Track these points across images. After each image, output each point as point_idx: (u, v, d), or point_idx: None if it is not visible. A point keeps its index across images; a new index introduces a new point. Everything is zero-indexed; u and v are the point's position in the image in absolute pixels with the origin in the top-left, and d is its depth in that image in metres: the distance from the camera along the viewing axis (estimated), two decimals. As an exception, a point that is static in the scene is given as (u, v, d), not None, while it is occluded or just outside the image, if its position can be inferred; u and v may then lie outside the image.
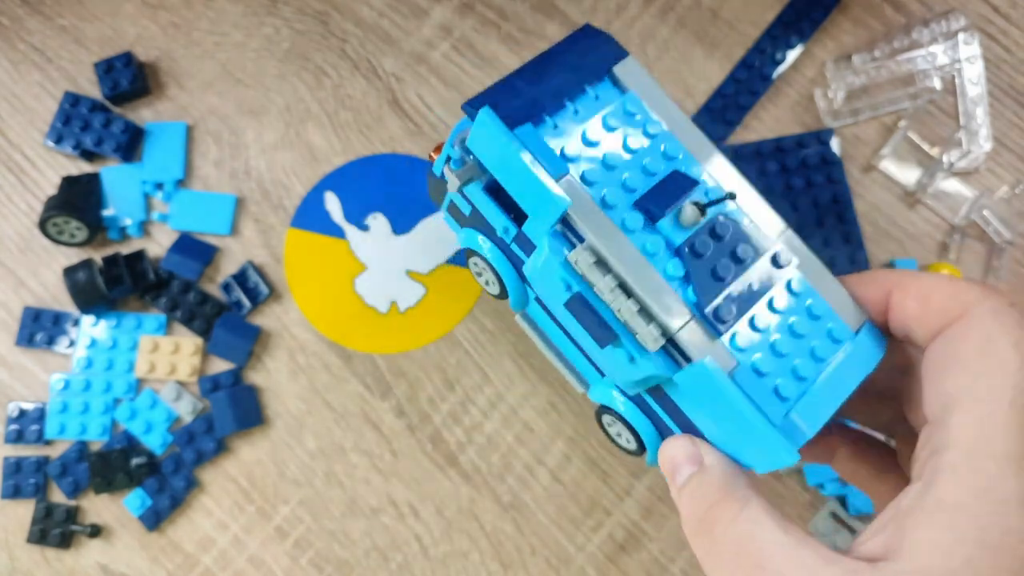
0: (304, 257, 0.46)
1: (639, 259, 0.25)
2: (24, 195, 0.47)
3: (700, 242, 0.25)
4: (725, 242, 0.26)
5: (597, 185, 0.26)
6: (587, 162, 0.26)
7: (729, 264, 0.25)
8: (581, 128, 0.27)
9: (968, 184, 0.46)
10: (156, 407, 0.44)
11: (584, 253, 0.25)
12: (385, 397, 0.44)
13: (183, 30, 0.48)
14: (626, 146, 0.27)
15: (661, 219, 0.26)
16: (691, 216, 0.25)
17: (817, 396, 0.25)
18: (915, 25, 0.47)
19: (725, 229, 0.26)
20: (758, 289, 0.26)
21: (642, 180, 0.26)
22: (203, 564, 0.43)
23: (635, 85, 0.28)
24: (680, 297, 0.25)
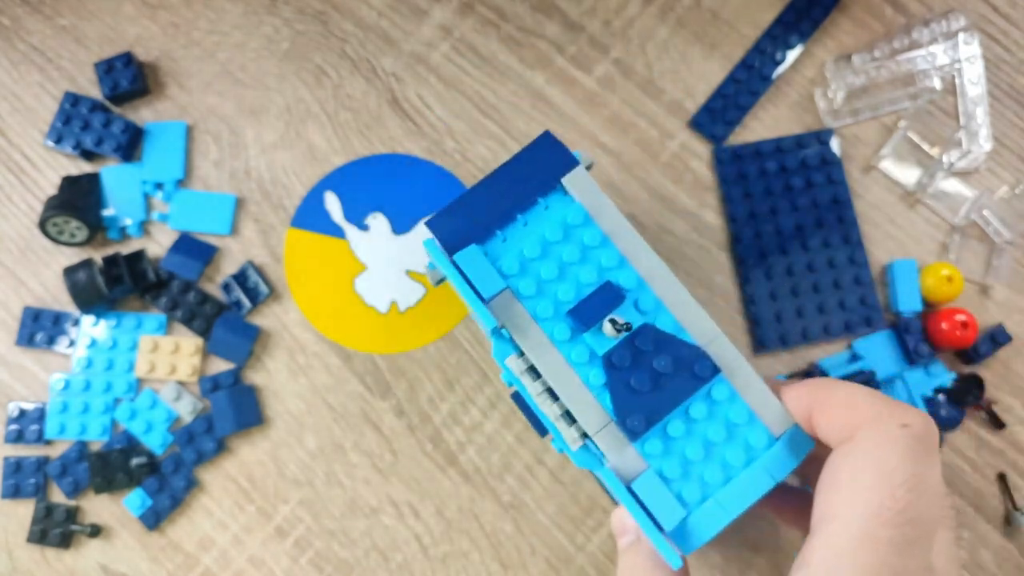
0: (304, 257, 0.46)
1: (564, 368, 0.28)
2: (24, 195, 0.47)
3: (618, 355, 0.28)
4: (645, 354, 0.28)
5: (531, 299, 0.29)
6: (524, 277, 0.29)
7: (644, 378, 0.28)
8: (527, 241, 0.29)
9: (968, 184, 0.46)
10: (156, 407, 0.44)
11: (517, 361, 0.28)
12: (385, 397, 0.44)
13: (183, 30, 0.48)
14: (561, 260, 0.29)
15: (587, 331, 0.28)
16: (611, 331, 0.28)
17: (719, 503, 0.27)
18: (915, 25, 0.47)
19: (645, 342, 0.28)
20: (673, 400, 0.28)
21: (574, 292, 0.29)
22: (203, 564, 0.43)
23: (581, 194, 0.30)
24: (599, 404, 0.28)
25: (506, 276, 0.29)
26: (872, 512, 0.21)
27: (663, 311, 0.29)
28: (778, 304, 0.45)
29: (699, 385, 0.28)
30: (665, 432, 0.28)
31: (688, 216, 0.46)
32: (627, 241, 0.30)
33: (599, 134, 0.47)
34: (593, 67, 0.47)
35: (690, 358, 0.28)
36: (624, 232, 0.30)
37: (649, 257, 0.29)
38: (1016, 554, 0.43)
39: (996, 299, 0.45)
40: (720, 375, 0.28)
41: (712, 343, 0.28)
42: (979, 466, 0.43)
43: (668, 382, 0.28)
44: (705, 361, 0.28)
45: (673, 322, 0.29)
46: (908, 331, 0.43)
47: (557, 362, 0.28)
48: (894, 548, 0.20)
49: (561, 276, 0.29)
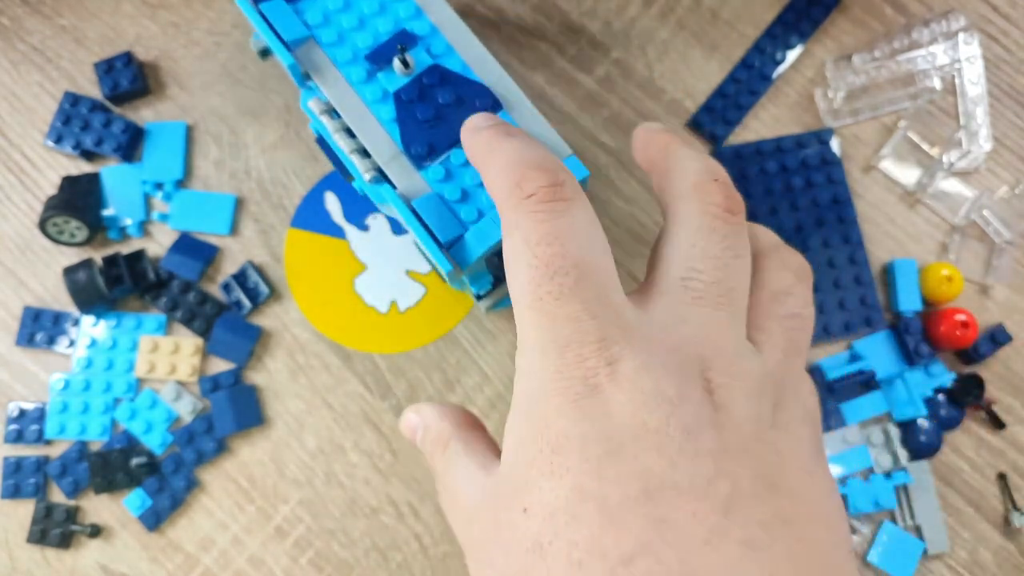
0: (304, 257, 0.46)
1: (359, 106, 0.31)
2: (24, 195, 0.47)
3: (407, 91, 0.31)
4: (432, 91, 0.31)
5: (332, 46, 0.32)
6: (326, 27, 0.32)
7: (429, 110, 0.30)
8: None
9: (968, 184, 0.46)
10: (156, 407, 0.44)
11: (318, 102, 0.31)
12: (385, 397, 0.44)
13: (183, 30, 0.48)
14: (361, 11, 0.32)
15: (380, 71, 0.31)
16: (400, 68, 0.31)
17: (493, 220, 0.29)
18: (915, 25, 0.47)
19: (432, 79, 0.31)
20: (456, 131, 0.30)
21: (371, 39, 0.32)
22: (203, 564, 0.43)
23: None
24: (389, 138, 0.31)
25: (310, 27, 0.32)
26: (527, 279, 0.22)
27: (453, 54, 0.32)
28: (778, 304, 0.45)
29: None
30: (448, 160, 0.30)
31: (688, 216, 0.46)
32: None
33: (599, 134, 0.47)
34: (593, 67, 0.48)
35: (473, 93, 0.31)
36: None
37: (441, 7, 0.32)
38: (1016, 554, 0.43)
39: (996, 299, 0.45)
40: (501, 109, 0.31)
41: (497, 82, 0.31)
42: (979, 466, 0.43)
43: (452, 115, 0.30)
44: (486, 95, 0.31)
45: (461, 63, 0.31)
46: (908, 331, 0.43)
47: (352, 101, 0.31)
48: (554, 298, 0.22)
49: (360, 26, 0.32)
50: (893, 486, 0.43)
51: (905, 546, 0.42)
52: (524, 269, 0.22)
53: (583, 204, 0.23)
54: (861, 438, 0.43)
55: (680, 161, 0.26)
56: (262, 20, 0.32)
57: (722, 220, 0.24)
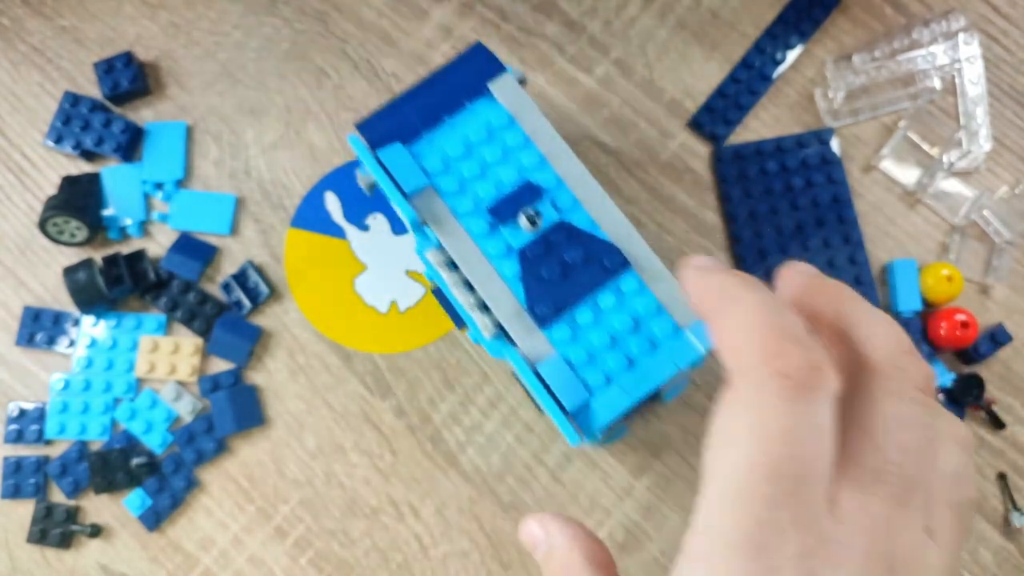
0: (304, 257, 0.46)
1: (480, 260, 0.30)
2: (24, 195, 0.47)
3: (532, 248, 0.30)
4: (558, 248, 0.30)
5: (452, 195, 0.31)
6: (446, 175, 0.31)
7: (555, 269, 0.29)
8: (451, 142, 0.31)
9: (968, 184, 0.46)
10: (156, 407, 0.44)
11: (435, 253, 0.30)
12: (385, 397, 0.44)
13: (183, 30, 0.48)
14: (483, 159, 0.31)
15: (503, 225, 0.30)
16: (526, 224, 0.29)
17: (621, 387, 0.28)
18: (915, 25, 0.47)
19: (559, 236, 0.30)
20: (582, 290, 0.29)
21: (494, 190, 0.31)
22: (203, 564, 0.43)
23: (507, 100, 0.32)
24: (511, 294, 0.29)
25: (429, 174, 0.31)
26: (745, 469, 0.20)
27: (579, 209, 0.30)
28: (778, 304, 0.45)
29: (608, 277, 0.29)
30: (573, 320, 0.29)
31: (688, 216, 0.46)
32: (548, 143, 0.31)
33: (599, 134, 0.47)
34: (593, 67, 0.48)
35: (601, 251, 0.30)
36: (546, 134, 0.31)
37: (568, 158, 0.31)
38: (1016, 554, 0.43)
39: (996, 299, 0.45)
40: (630, 268, 0.29)
41: (625, 239, 0.30)
42: (979, 466, 0.43)
43: (578, 273, 0.29)
44: (615, 254, 0.29)
45: (588, 220, 0.30)
46: (908, 331, 0.43)
47: (474, 255, 0.30)
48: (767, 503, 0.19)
49: (482, 175, 0.31)
50: (893, 486, 0.43)
51: (905, 546, 0.42)
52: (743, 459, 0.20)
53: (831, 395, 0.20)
54: (861, 438, 0.43)
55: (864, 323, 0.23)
56: (382, 171, 0.30)
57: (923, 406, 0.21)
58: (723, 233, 0.46)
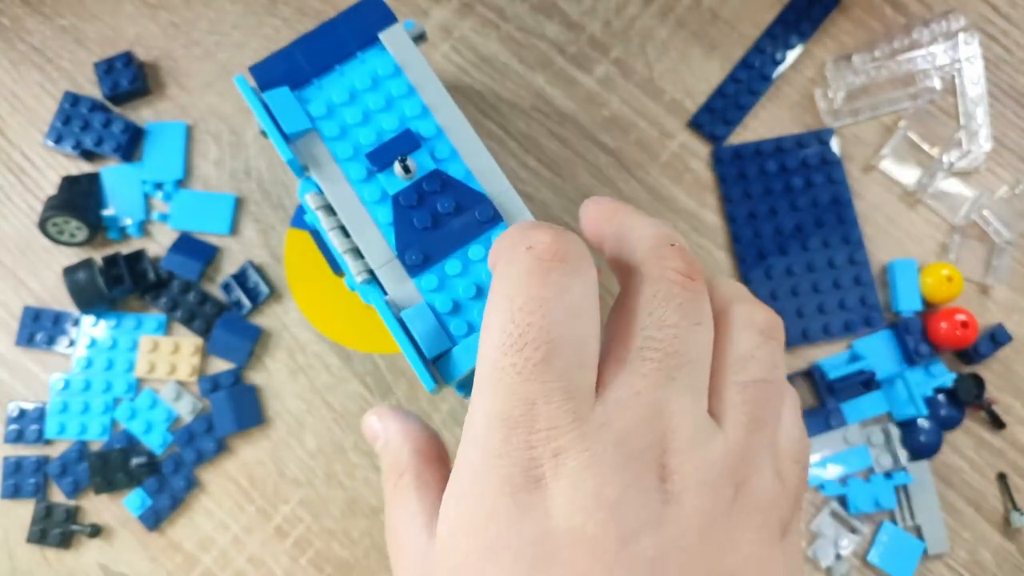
0: (304, 257, 0.46)
1: (356, 206, 0.30)
2: (24, 195, 0.47)
3: (406, 195, 0.30)
4: (431, 197, 0.30)
5: (333, 140, 0.31)
6: (329, 120, 0.31)
7: (427, 217, 0.29)
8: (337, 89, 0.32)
9: (968, 184, 0.46)
10: (156, 407, 0.44)
11: (315, 196, 0.30)
12: (385, 397, 0.44)
13: (183, 30, 0.48)
14: (366, 107, 0.31)
15: (380, 172, 0.30)
16: (400, 172, 0.30)
17: None
18: (915, 25, 0.47)
19: (433, 186, 0.30)
20: (453, 241, 0.29)
21: (375, 136, 0.31)
22: (203, 564, 0.43)
23: (396, 49, 0.32)
24: (385, 241, 0.30)
25: (313, 119, 0.31)
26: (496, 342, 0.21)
27: (457, 160, 0.31)
28: (778, 304, 0.45)
29: (480, 230, 0.29)
30: (443, 271, 0.29)
31: (688, 216, 0.46)
32: (432, 94, 0.32)
33: (599, 134, 0.47)
34: (593, 67, 0.48)
35: (474, 203, 0.30)
36: (430, 85, 0.32)
37: (450, 109, 0.31)
38: (1016, 554, 0.43)
39: (996, 299, 0.45)
40: (501, 222, 0.30)
41: (500, 193, 0.30)
42: (979, 466, 0.43)
43: (450, 223, 0.30)
44: (487, 206, 0.30)
45: (465, 170, 0.31)
46: (908, 331, 0.43)
47: (351, 200, 0.30)
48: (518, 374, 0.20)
49: (364, 121, 0.31)
50: (893, 486, 0.43)
51: (905, 546, 0.42)
52: (496, 331, 0.21)
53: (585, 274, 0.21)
54: (861, 438, 0.43)
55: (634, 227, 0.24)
56: (263, 109, 0.31)
57: (680, 286, 0.22)
58: (723, 233, 0.46)
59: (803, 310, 0.44)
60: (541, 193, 0.46)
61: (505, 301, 0.21)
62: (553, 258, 0.21)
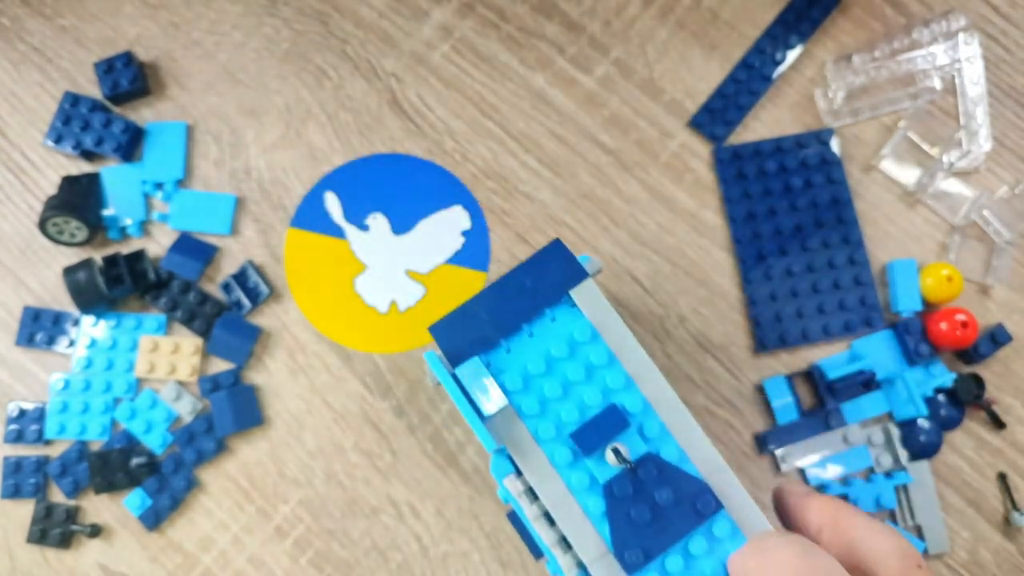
0: (304, 257, 0.46)
1: (564, 494, 0.27)
2: (24, 195, 0.47)
3: (620, 485, 0.27)
4: (647, 486, 0.27)
5: (533, 418, 0.28)
6: (526, 394, 0.28)
7: (645, 510, 0.27)
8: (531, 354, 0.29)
9: (968, 184, 0.46)
10: (156, 407, 0.44)
11: (515, 481, 0.28)
12: (385, 397, 0.44)
13: (183, 30, 0.48)
14: (566, 378, 0.29)
15: (587, 456, 0.28)
16: (613, 460, 0.27)
17: None
18: (915, 25, 0.47)
19: (648, 473, 0.27)
20: (673, 534, 0.27)
21: (578, 413, 0.28)
22: (203, 564, 0.43)
23: (589, 308, 0.29)
24: (597, 533, 0.27)
25: (508, 392, 0.28)
26: None
27: (668, 439, 0.28)
28: (778, 304, 0.45)
29: (700, 520, 0.27)
30: (663, 567, 0.27)
31: (688, 216, 0.46)
32: (634, 361, 0.29)
33: (599, 134, 0.47)
34: (593, 67, 0.48)
35: (693, 492, 0.27)
36: (631, 351, 0.29)
37: (656, 380, 0.29)
38: (1016, 554, 0.43)
39: (996, 299, 0.45)
40: (722, 510, 0.27)
41: (715, 474, 0.28)
42: (979, 466, 0.43)
43: (669, 515, 0.27)
44: (708, 496, 0.27)
45: (678, 451, 0.28)
46: (908, 331, 0.43)
47: (557, 487, 0.28)
48: None
49: (565, 395, 0.29)
50: (893, 486, 0.43)
51: (905, 546, 0.42)
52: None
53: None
54: (862, 438, 0.43)
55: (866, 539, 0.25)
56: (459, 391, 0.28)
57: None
58: (723, 233, 0.46)
59: (803, 310, 0.44)
60: (541, 193, 0.46)
61: None
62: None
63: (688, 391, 0.44)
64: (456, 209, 0.46)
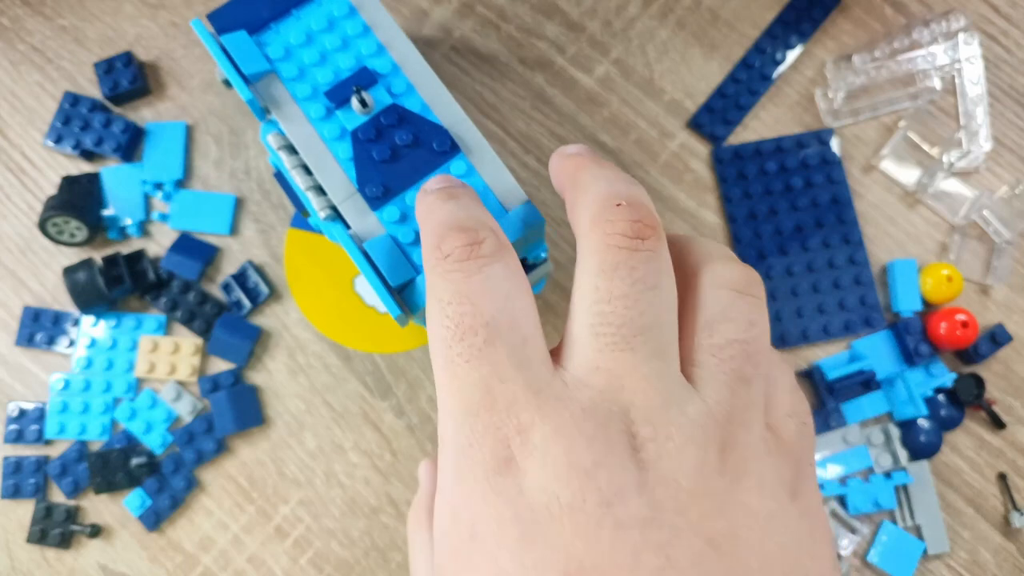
0: (304, 257, 0.46)
1: (317, 143, 0.31)
2: (24, 195, 0.47)
3: (364, 130, 0.30)
4: (390, 130, 0.30)
5: (292, 81, 0.31)
6: (287, 61, 0.32)
7: (386, 150, 0.30)
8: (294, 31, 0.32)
9: (968, 184, 0.46)
10: (156, 407, 0.44)
11: (276, 137, 0.31)
12: (385, 397, 0.44)
13: (183, 30, 0.48)
14: (323, 47, 0.32)
15: (339, 109, 0.31)
16: (358, 107, 0.30)
17: None
18: (915, 25, 0.47)
19: (390, 119, 0.30)
20: (413, 172, 0.30)
21: (332, 75, 0.31)
22: (203, 564, 0.43)
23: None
24: (346, 176, 0.30)
25: (271, 60, 0.32)
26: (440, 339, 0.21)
27: (412, 93, 0.31)
28: (778, 304, 0.45)
29: (439, 160, 0.30)
30: (404, 202, 0.30)
31: (688, 216, 0.46)
32: (387, 32, 0.32)
33: (599, 134, 0.47)
34: (593, 67, 0.48)
35: (431, 135, 0.30)
36: (385, 24, 0.32)
37: (405, 46, 0.32)
38: (1016, 554, 0.43)
39: (996, 299, 0.45)
40: (459, 152, 0.30)
41: (456, 124, 0.31)
42: (979, 466, 0.43)
43: (409, 155, 0.30)
44: (444, 137, 0.30)
45: (421, 104, 0.31)
46: (908, 331, 0.43)
47: (311, 138, 0.31)
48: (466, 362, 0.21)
49: (322, 61, 0.32)
50: (893, 486, 0.43)
51: (905, 546, 0.42)
52: (437, 331, 0.21)
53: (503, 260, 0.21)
54: (861, 438, 0.43)
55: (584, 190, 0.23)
56: (222, 53, 0.31)
57: (627, 250, 0.21)
58: (723, 233, 0.46)
59: (803, 310, 0.44)
60: (541, 193, 0.46)
61: (437, 304, 0.21)
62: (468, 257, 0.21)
63: (688, 391, 0.44)
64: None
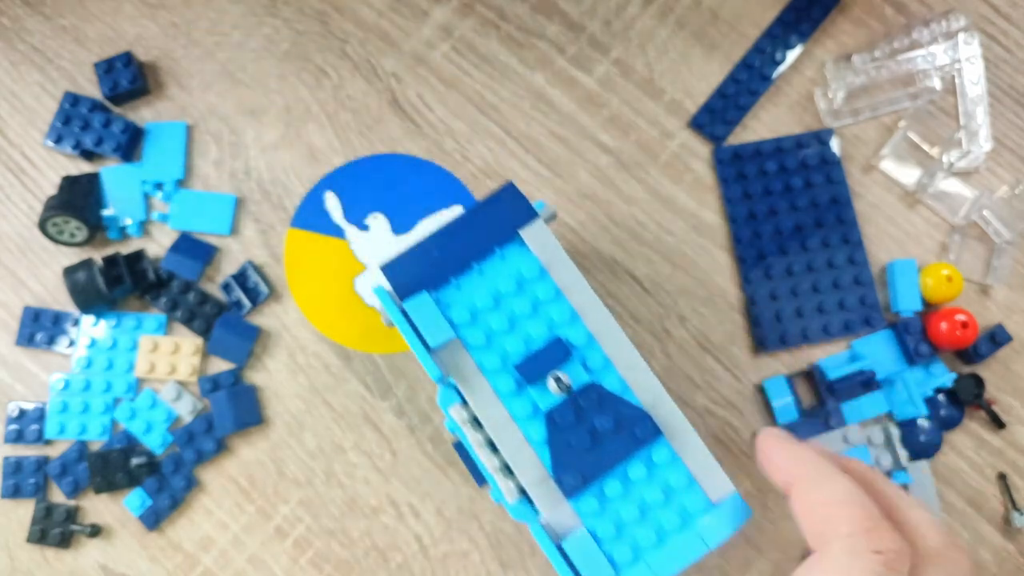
0: (304, 257, 0.46)
1: (506, 421, 0.28)
2: (24, 195, 0.47)
3: (561, 412, 0.28)
4: (587, 414, 0.28)
5: (479, 350, 0.29)
6: (473, 327, 0.29)
7: (584, 436, 0.28)
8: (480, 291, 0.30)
9: (968, 184, 0.46)
10: (156, 407, 0.44)
11: (460, 411, 0.29)
12: (385, 397, 0.44)
13: (183, 30, 0.48)
14: (512, 312, 0.30)
15: (531, 385, 0.29)
16: (555, 388, 0.28)
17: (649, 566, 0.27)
18: (915, 25, 0.47)
19: (589, 401, 0.28)
20: (612, 459, 0.28)
21: (523, 345, 0.29)
22: (203, 564, 0.43)
23: (538, 247, 0.30)
24: (538, 459, 0.28)
25: (455, 325, 0.29)
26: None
27: (610, 370, 0.29)
28: (778, 304, 0.45)
29: (639, 446, 0.28)
30: (602, 492, 0.28)
31: (688, 216, 0.46)
32: (580, 296, 0.30)
33: (599, 134, 0.47)
34: (593, 67, 0.48)
35: (632, 419, 0.28)
36: (578, 287, 0.30)
37: (600, 314, 0.30)
38: (1016, 554, 0.43)
39: (996, 299, 0.45)
40: (661, 437, 0.28)
41: (656, 404, 0.29)
42: (979, 466, 0.43)
43: (608, 442, 0.28)
44: (647, 422, 0.28)
45: (619, 381, 0.29)
46: (908, 331, 0.43)
47: (500, 415, 0.29)
48: None
49: (511, 329, 0.29)
50: (893, 486, 0.43)
51: (905, 546, 0.42)
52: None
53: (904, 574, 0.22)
54: (861, 438, 0.43)
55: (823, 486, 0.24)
56: (405, 320, 0.29)
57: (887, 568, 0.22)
58: (723, 233, 0.46)
59: (803, 310, 0.44)
60: (541, 193, 0.46)
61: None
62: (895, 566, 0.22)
63: (688, 391, 0.44)
64: (456, 209, 0.46)
